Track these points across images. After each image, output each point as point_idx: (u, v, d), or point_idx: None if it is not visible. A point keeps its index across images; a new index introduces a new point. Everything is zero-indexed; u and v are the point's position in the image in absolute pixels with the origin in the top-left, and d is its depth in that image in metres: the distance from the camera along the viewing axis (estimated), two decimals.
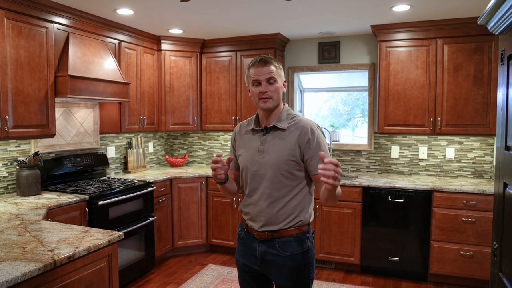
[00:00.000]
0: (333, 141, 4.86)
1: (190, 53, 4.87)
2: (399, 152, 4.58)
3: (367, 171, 4.71)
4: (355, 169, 4.77)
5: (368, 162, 4.71)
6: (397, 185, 3.92)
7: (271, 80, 1.88)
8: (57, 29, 3.42)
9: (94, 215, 3.30)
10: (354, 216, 4.08)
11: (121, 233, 2.19)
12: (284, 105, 1.99)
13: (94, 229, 2.26)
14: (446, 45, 3.99)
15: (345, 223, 4.12)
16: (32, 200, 3.10)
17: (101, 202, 3.32)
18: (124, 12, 3.65)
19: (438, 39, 4.02)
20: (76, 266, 1.91)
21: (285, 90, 1.97)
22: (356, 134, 5.82)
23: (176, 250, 4.59)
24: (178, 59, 4.80)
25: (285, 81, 1.97)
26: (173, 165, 5.25)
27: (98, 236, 2.12)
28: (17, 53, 3.03)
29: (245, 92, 4.77)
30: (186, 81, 4.83)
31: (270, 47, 4.65)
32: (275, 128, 1.92)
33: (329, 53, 4.79)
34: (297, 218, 1.88)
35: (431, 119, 4.07)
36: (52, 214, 2.94)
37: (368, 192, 4.03)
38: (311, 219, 1.97)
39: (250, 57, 4.74)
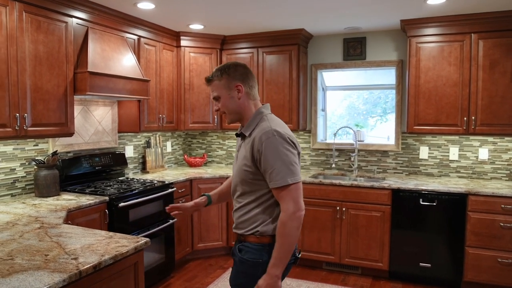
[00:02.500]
0: (358, 141, 4.67)
1: (210, 50, 4.72)
2: (428, 153, 4.37)
3: (394, 173, 4.52)
4: (381, 170, 4.57)
5: (395, 163, 4.51)
6: (429, 188, 3.72)
7: (215, 98, 1.88)
8: (76, 24, 3.29)
9: (114, 218, 3.17)
10: (383, 219, 3.89)
11: (147, 239, 2.05)
12: (257, 109, 1.87)
13: (118, 235, 2.11)
14: (482, 40, 3.78)
15: (373, 226, 3.93)
16: (51, 202, 2.98)
17: (122, 204, 3.19)
18: (145, 6, 3.51)
19: (472, 34, 3.81)
20: (102, 276, 1.76)
21: (240, 95, 1.84)
22: (372, 134, 5.59)
23: (196, 253, 4.45)
24: (197, 55, 4.66)
25: (238, 85, 1.83)
26: (191, 165, 5.11)
27: (123, 243, 1.97)
28: (36, 48, 2.91)
29: (267, 90, 4.61)
30: None
31: (293, 43, 4.47)
32: (243, 134, 1.87)
33: (354, 50, 4.60)
34: (257, 228, 1.81)
35: (465, 119, 3.86)
36: (72, 216, 2.81)
37: (398, 195, 3.84)
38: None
39: (272, 54, 4.57)
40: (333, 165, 4.63)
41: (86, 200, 3.04)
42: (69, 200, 3.04)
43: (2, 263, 1.68)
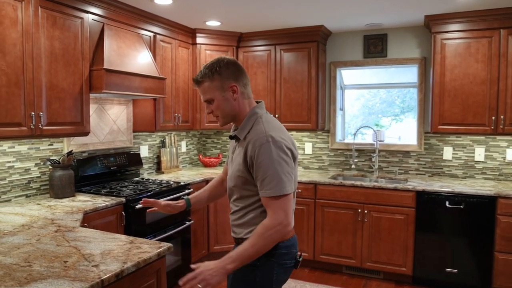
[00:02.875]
0: (379, 141, 4.52)
1: (226, 47, 4.60)
2: (452, 154, 4.21)
3: (417, 174, 4.36)
4: (403, 172, 4.42)
5: (417, 164, 4.36)
6: (456, 190, 3.56)
7: (207, 101, 1.74)
8: (92, 20, 3.20)
9: (131, 220, 3.07)
10: (407, 222, 3.74)
11: (169, 244, 1.94)
12: (251, 109, 1.75)
13: (139, 239, 2.01)
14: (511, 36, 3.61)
15: (396, 230, 3.79)
16: (67, 203, 2.88)
17: (139, 206, 3.08)
18: (162, 1, 3.41)
19: (501, 30, 3.64)
20: (124, 285, 1.66)
21: (235, 95, 1.72)
22: (386, 134, 5.41)
23: (212, 255, 4.34)
24: (213, 53, 4.54)
25: (233, 85, 1.71)
26: (206, 165, 5.00)
27: (145, 248, 1.86)
28: (51, 44, 2.82)
29: (285, 88, 4.48)
30: None
31: (312, 40, 4.34)
32: (237, 137, 1.76)
33: (375, 47, 4.45)
34: (249, 235, 1.69)
35: (493, 118, 3.70)
36: (88, 218, 2.72)
37: (423, 197, 3.69)
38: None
39: (290, 51, 4.44)
40: (353, 166, 4.49)
41: (102, 201, 2.95)
42: (85, 201, 2.94)
43: (20, 270, 1.58)
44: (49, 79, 2.81)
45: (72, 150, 3.21)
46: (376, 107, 5.59)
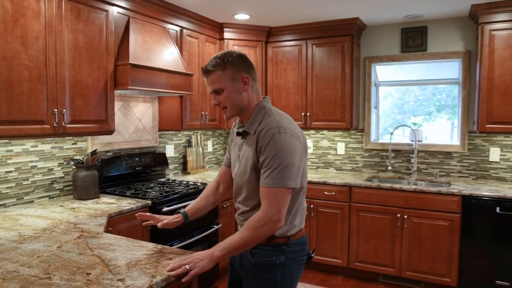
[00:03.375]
0: (412, 141, 4.23)
1: (254, 42, 4.40)
2: (500, 155, 3.89)
3: (459, 176, 4.05)
4: (444, 174, 4.12)
5: (460, 165, 4.05)
6: (509, 195, 3.25)
7: (216, 91, 1.66)
8: (117, 13, 3.04)
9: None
10: (451, 229, 3.45)
11: None
12: (259, 103, 1.71)
13: (168, 248, 1.82)
14: None
15: (439, 237, 3.50)
16: (90, 205, 2.73)
17: (165, 209, 2.91)
18: None
19: None
20: None
21: (246, 87, 1.67)
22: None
23: None
24: (242, 48, 4.34)
25: (244, 76, 1.65)
26: None
27: (175, 261, 1.67)
28: (75, 38, 2.67)
29: (317, 85, 4.25)
30: None
31: (346, 34, 4.09)
32: (246, 132, 1.70)
33: (414, 40, 4.16)
34: None
35: None
36: (113, 222, 2.55)
37: (469, 202, 3.39)
38: (291, 233, 1.69)
39: (323, 46, 4.20)
40: (389, 167, 4.21)
41: (127, 204, 2.78)
42: (109, 203, 2.78)
43: (38, 284, 1.41)
44: (73, 75, 2.66)
45: (96, 150, 3.06)
46: (409, 106, 5.27)
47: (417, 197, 3.57)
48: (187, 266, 1.52)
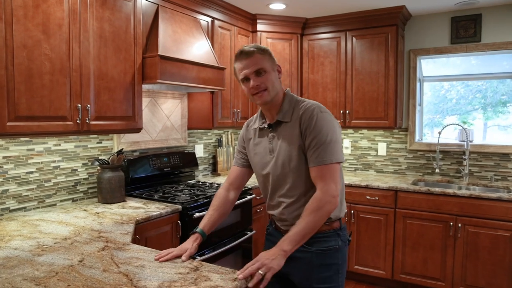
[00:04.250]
0: (462, 141, 3.85)
1: (289, 35, 4.10)
2: None
3: None
4: (499, 178, 3.72)
5: None
6: None
7: (259, 71, 1.65)
8: (146, 0, 2.81)
9: (188, 230, 2.63)
10: None
11: (246, 278, 1.46)
12: (285, 92, 1.76)
13: (206, 266, 1.55)
14: None
15: (499, 249, 3.12)
16: (116, 210, 2.50)
17: (197, 214, 2.65)
18: None
19: None
20: None
21: (280, 76, 1.74)
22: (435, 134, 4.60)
23: None
24: (275, 41, 4.06)
25: (279, 66, 1.74)
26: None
27: (216, 280, 1.39)
28: (100, 27, 2.44)
29: (357, 80, 3.92)
30: (285, 67, 4.07)
31: (390, 24, 3.75)
32: (279, 122, 1.72)
33: (465, 30, 3.78)
34: None
35: None
36: (140, 229, 2.31)
37: None
38: (342, 214, 1.75)
39: (364, 38, 3.87)
40: (437, 170, 3.84)
41: (155, 209, 2.53)
42: (137, 208, 2.54)
43: None
44: (98, 67, 2.43)
45: (122, 149, 2.83)
46: (446, 104, 4.84)
47: (473, 204, 3.20)
48: (260, 271, 1.43)
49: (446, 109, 4.74)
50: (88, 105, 2.36)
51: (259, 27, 3.99)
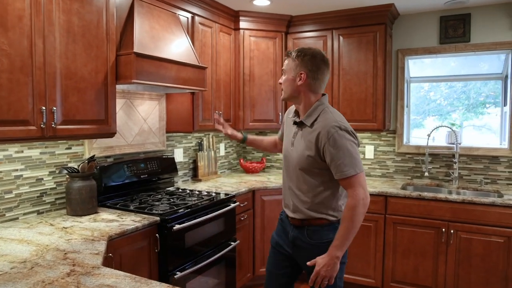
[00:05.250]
0: (451, 143, 3.75)
1: (273, 33, 3.92)
2: None
3: (508, 184, 3.56)
4: (489, 181, 3.62)
5: (508, 172, 3.56)
6: None
7: (283, 71, 1.99)
8: None
9: (167, 244, 2.41)
10: (508, 247, 2.96)
11: None
12: (319, 99, 1.96)
13: None
14: None
15: (492, 255, 3.01)
16: (87, 224, 2.25)
17: (177, 226, 2.42)
18: None
19: None
20: None
21: (300, 82, 1.92)
22: (415, 134, 4.50)
23: (257, 279, 3.65)
24: (259, 40, 3.87)
25: (302, 73, 1.91)
26: (248, 171, 4.32)
27: None
28: (68, 20, 2.19)
29: (344, 81, 3.76)
30: (269, 67, 3.89)
31: (379, 22, 3.60)
32: (303, 123, 1.95)
33: (454, 30, 3.68)
34: (322, 213, 1.92)
35: None
36: (113, 246, 2.07)
37: None
38: (341, 215, 1.91)
39: (351, 37, 3.72)
40: (426, 174, 3.72)
41: (131, 221, 2.30)
42: (110, 221, 2.30)
43: None
44: (66, 65, 2.18)
45: (94, 155, 2.59)
46: (433, 104, 4.75)
47: (466, 209, 3.08)
48: (324, 281, 1.80)
49: (428, 110, 4.65)
50: (54, 108, 2.11)
51: (242, 24, 3.79)
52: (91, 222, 2.29)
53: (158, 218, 2.40)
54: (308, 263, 1.85)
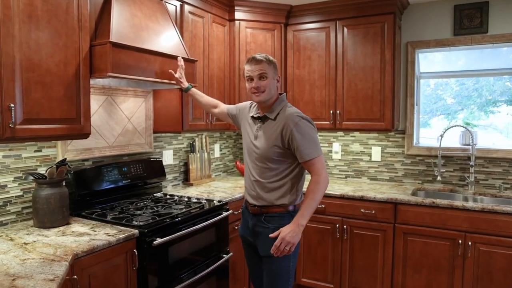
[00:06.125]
0: (466, 144, 3.43)
1: (272, 25, 3.60)
2: None
3: None
4: (508, 186, 3.30)
5: None
6: None
7: (262, 76, 2.10)
8: None
9: (147, 261, 2.11)
10: None
11: None
12: (280, 95, 2.18)
13: None
14: None
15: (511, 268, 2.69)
16: (53, 238, 1.96)
17: (158, 240, 2.12)
18: None
19: None
20: None
21: (278, 84, 2.17)
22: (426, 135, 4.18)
23: None
24: (256, 32, 3.56)
25: (279, 76, 2.19)
26: (244, 173, 4.01)
27: None
28: (30, 3, 1.89)
29: (349, 76, 3.45)
30: None
31: (387, 12, 3.28)
32: (266, 117, 2.15)
33: (470, 20, 3.35)
34: (282, 199, 2.11)
35: None
36: (81, 265, 1.77)
37: None
38: (298, 201, 2.15)
39: (357, 28, 3.40)
40: (439, 178, 3.40)
41: (104, 235, 2.00)
42: (80, 235, 2.00)
43: None
44: (27, 55, 1.88)
45: (65, 159, 2.28)
46: (440, 103, 4.41)
47: (486, 219, 2.76)
48: (286, 248, 1.93)
49: (436, 109, 4.32)
50: (12, 105, 1.81)
51: (238, 15, 3.48)
52: (59, 236, 1.99)
53: (136, 231, 2.10)
54: (270, 235, 1.97)
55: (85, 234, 2.02)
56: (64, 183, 2.25)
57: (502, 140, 3.65)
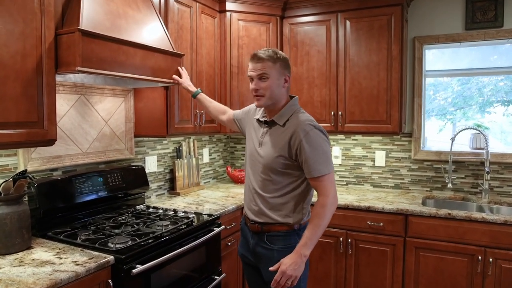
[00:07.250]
0: (478, 148, 3.15)
1: (267, 17, 3.27)
2: None
3: None
4: None
5: None
6: None
7: (262, 77, 1.83)
8: None
9: None
10: None
11: None
12: (291, 98, 1.93)
13: None
14: None
15: None
16: (6, 269, 1.59)
17: (138, 268, 1.77)
18: None
19: None
20: None
21: (286, 85, 1.88)
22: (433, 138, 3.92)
23: None
24: (249, 25, 3.22)
25: (287, 75, 1.88)
26: (236, 180, 3.68)
27: None
28: None
29: (352, 74, 3.13)
30: None
31: (394, 3, 2.98)
32: (274, 122, 1.90)
33: (484, 13, 3.07)
34: (287, 217, 1.86)
35: None
36: None
37: None
38: (305, 219, 1.90)
39: (360, 21, 3.10)
40: (449, 185, 3.11)
41: (71, 264, 1.64)
42: (42, 264, 1.64)
43: None
44: None
45: (25, 170, 1.91)
46: (438, 104, 4.13)
47: (509, 232, 2.47)
48: (288, 282, 1.69)
49: (432, 109, 4.04)
50: None
51: (229, 5, 3.14)
52: (14, 266, 1.62)
53: (111, 258, 1.74)
54: (271, 268, 1.74)
55: (47, 263, 1.65)
56: (25, 199, 1.88)
57: (498, 144, 3.40)
